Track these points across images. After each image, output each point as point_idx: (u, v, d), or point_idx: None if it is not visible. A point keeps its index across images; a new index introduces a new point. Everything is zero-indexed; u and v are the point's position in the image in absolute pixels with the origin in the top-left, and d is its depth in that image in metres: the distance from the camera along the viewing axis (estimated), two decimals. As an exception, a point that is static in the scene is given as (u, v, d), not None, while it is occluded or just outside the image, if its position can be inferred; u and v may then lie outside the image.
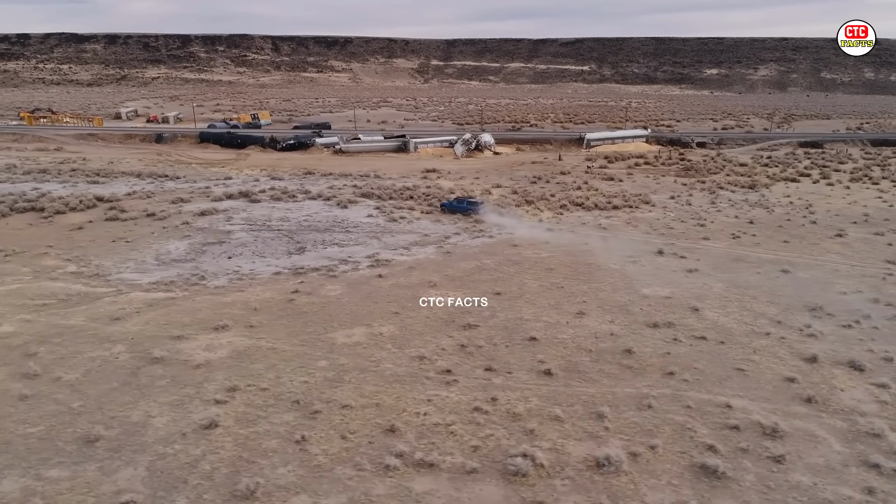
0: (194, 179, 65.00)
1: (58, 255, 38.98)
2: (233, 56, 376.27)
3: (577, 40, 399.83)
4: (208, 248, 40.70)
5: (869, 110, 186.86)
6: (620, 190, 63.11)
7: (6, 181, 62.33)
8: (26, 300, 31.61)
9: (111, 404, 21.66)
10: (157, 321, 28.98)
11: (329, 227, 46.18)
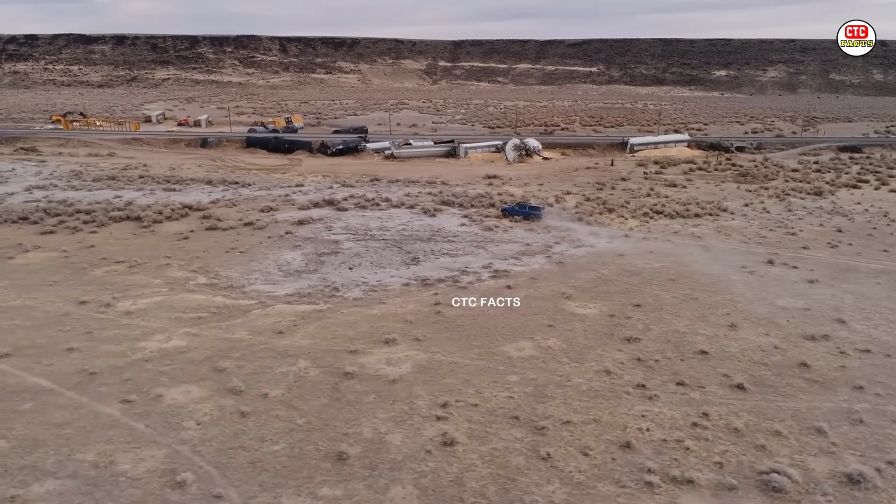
0: (266, 186, 65.35)
1: (181, 266, 39.37)
2: (241, 57, 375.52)
3: (584, 41, 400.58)
4: (325, 259, 41.12)
5: (887, 112, 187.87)
6: (689, 197, 63.73)
7: (82, 188, 62.57)
8: (178, 313, 32.04)
9: (334, 421, 22.14)
10: (322, 335, 29.45)
11: (430, 237, 46.65)
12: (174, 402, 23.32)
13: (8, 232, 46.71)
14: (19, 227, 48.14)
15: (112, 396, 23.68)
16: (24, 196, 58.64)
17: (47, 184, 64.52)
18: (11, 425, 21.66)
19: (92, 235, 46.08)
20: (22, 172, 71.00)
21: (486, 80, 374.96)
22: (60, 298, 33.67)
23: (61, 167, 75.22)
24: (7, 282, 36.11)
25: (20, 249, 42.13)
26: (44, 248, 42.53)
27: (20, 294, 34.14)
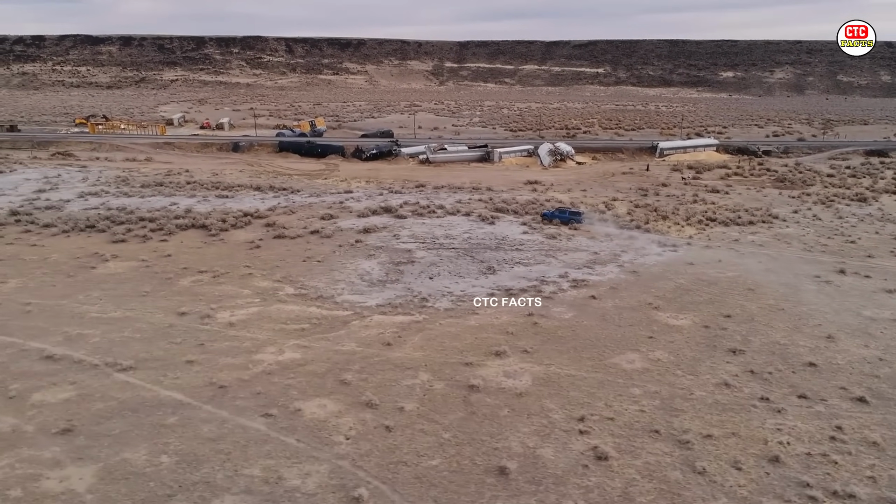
0: (316, 193, 65.78)
1: (264, 276, 39.82)
2: (247, 58, 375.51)
3: (590, 42, 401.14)
4: (403, 269, 41.59)
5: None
6: (735, 203, 64.29)
7: (134, 195, 62.99)
8: (280, 325, 32.52)
9: (479, 435, 22.65)
10: (431, 347, 29.94)
11: (497, 246, 47.15)
12: (314, 415, 23.81)
13: (79, 241, 47.14)
14: (88, 235, 48.57)
15: (251, 410, 24.16)
16: (81, 203, 59.00)
17: (98, 190, 64.88)
18: (166, 440, 22.14)
19: (163, 244, 46.50)
20: (68, 178, 71.32)
21: (492, 82, 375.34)
22: (159, 310, 34.12)
23: (105, 173, 75.55)
24: (100, 292, 36.54)
25: (99, 259, 42.55)
26: (122, 258, 42.95)
27: (118, 305, 34.57)
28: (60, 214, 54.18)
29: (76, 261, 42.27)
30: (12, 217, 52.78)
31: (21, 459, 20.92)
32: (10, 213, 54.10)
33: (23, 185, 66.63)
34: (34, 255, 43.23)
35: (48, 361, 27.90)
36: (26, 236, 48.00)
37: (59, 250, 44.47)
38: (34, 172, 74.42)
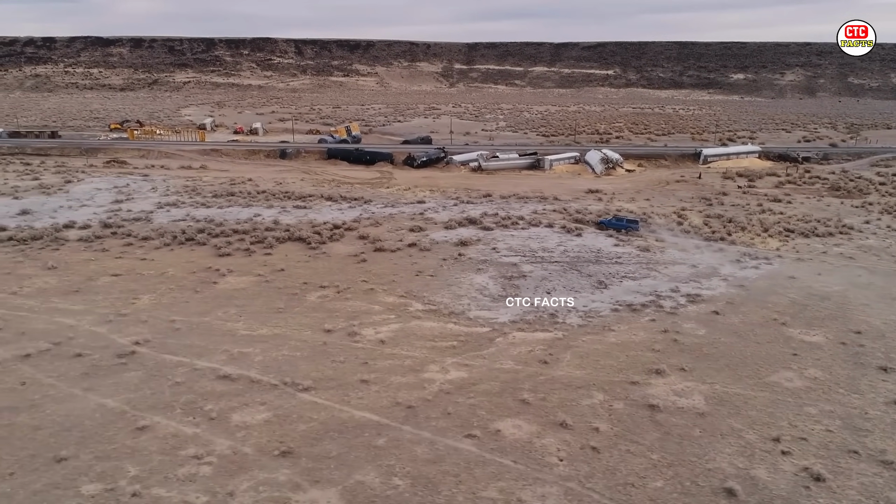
0: (390, 203, 66.50)
1: (386, 291, 40.55)
2: (258, 60, 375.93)
3: (598, 44, 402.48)
4: (518, 283, 42.37)
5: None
6: (803, 213, 65.18)
7: (212, 205, 63.61)
8: (429, 342, 33.29)
9: (686, 455, 23.47)
10: (588, 365, 30.74)
11: (596, 259, 47.97)
12: (516, 436, 24.59)
13: (185, 254, 47.81)
14: (191, 249, 49.24)
15: (452, 431, 24.93)
16: (165, 215, 59.59)
17: (174, 200, 65.51)
18: (387, 462, 22.90)
19: (269, 258, 47.20)
20: (137, 188, 71.90)
21: (503, 83, 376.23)
22: (303, 326, 34.86)
23: (169, 182, 76.17)
24: (235, 308, 37.26)
25: (216, 274, 43.22)
26: (237, 272, 43.63)
27: (262, 322, 35.30)
28: (152, 226, 54.80)
29: (194, 275, 42.95)
30: (107, 230, 53.39)
31: (260, 482, 21.66)
32: (104, 225, 54.74)
33: (98, 196, 67.20)
34: (150, 270, 43.88)
35: (227, 381, 28.62)
36: (131, 249, 48.63)
37: (170, 264, 45.13)
38: (100, 181, 75.00)
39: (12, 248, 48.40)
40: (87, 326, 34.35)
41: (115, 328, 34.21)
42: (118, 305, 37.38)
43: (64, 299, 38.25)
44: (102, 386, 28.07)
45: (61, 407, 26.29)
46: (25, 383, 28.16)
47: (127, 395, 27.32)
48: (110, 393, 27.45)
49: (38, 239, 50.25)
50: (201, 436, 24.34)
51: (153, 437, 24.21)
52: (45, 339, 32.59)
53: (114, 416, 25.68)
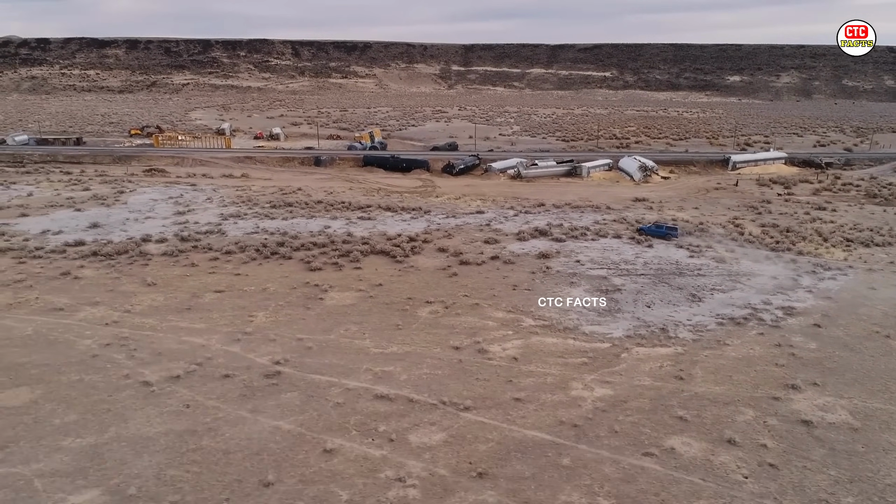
0: (449, 213, 67.22)
1: (492, 306, 41.34)
2: (255, 61, 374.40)
3: (595, 46, 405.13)
4: (616, 297, 43.38)
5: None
6: (852, 222, 66.79)
7: (276, 217, 63.98)
8: (558, 358, 34.18)
9: (863, 472, 24.58)
10: (722, 381, 31.79)
11: (679, 271, 49.11)
12: (690, 454, 25.56)
13: (275, 268, 48.27)
14: (279, 263, 49.70)
15: (627, 449, 25.86)
16: (235, 227, 59.81)
17: (236, 212, 65.81)
18: (583, 482, 23.78)
19: (360, 272, 47.79)
20: (192, 199, 72.02)
21: (501, 85, 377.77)
22: (430, 343, 35.60)
23: (220, 192, 76.36)
24: (354, 326, 37.88)
25: (317, 290, 43.77)
26: (337, 287, 44.19)
27: (388, 340, 35.96)
28: (229, 240, 55.16)
29: (296, 291, 43.49)
30: (186, 243, 53.71)
31: None
32: (181, 238, 55.04)
33: (157, 207, 67.31)
34: (249, 286, 44.37)
35: (385, 401, 29.31)
36: (219, 264, 49.00)
37: (267, 279, 45.63)
38: (153, 192, 75.03)
39: (101, 263, 48.60)
40: (219, 346, 34.85)
41: (246, 347, 34.75)
42: (237, 323, 37.89)
43: (180, 317, 38.66)
44: (266, 408, 28.66)
45: (238, 430, 26.88)
46: (189, 406, 28.68)
47: (295, 416, 27.95)
48: (278, 415, 28.06)
49: (122, 254, 50.47)
50: (390, 458, 25.07)
51: (345, 460, 24.90)
52: (184, 359, 33.07)
53: (294, 438, 26.31)
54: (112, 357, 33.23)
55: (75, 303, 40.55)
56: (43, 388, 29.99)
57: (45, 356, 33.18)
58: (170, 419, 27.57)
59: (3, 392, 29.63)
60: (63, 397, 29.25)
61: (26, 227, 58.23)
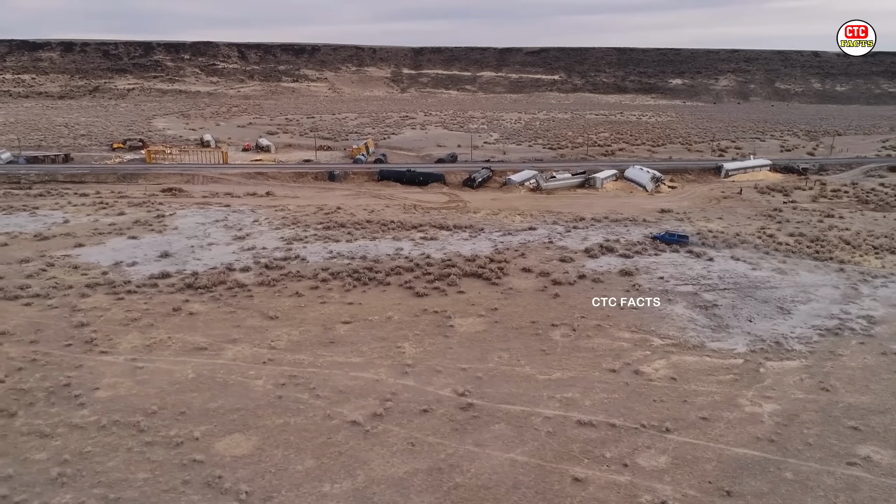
0: (503, 230, 69.27)
1: (612, 326, 43.91)
2: (201, 65, 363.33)
3: (542, 49, 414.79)
4: (717, 312, 46.82)
5: (858, 124, 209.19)
6: (865, 228, 73.23)
7: (339, 239, 64.30)
8: (710, 376, 37.19)
9: None
10: (868, 391, 35.61)
11: (753, 284, 53.17)
12: (885, 461, 29.01)
13: (381, 295, 49.11)
14: (381, 290, 50.51)
15: (832, 460, 29.04)
16: (307, 252, 59.74)
17: (294, 234, 65.70)
18: (820, 493, 26.75)
19: (464, 296, 49.32)
20: (238, 221, 71.09)
21: (453, 88, 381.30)
22: (584, 367, 37.88)
23: (258, 212, 75.65)
24: (505, 354, 39.59)
25: (440, 316, 45.11)
26: (460, 314, 45.50)
27: (544, 365, 37.97)
28: (312, 266, 55.44)
29: (419, 319, 44.72)
30: (273, 271, 53.72)
31: (739, 520, 25.01)
32: (264, 266, 54.98)
33: (212, 232, 66.28)
34: (371, 315, 45.20)
35: (590, 427, 31.43)
36: (322, 293, 49.40)
37: (382, 307, 46.56)
38: (193, 215, 73.54)
39: (203, 296, 48.17)
40: (393, 380, 35.97)
41: (420, 380, 36.03)
42: (391, 356, 38.98)
43: (330, 352, 39.38)
44: (486, 441, 30.27)
45: (479, 465, 28.42)
46: (414, 444, 29.93)
47: (520, 448, 29.71)
48: (503, 447, 29.75)
49: (218, 285, 50.12)
50: (638, 483, 27.30)
51: (599, 488, 26.96)
52: (370, 396, 34.09)
53: (537, 470, 28.12)
54: (298, 398, 33.86)
55: (213, 341, 40.49)
56: (257, 435, 30.48)
57: (231, 400, 33.45)
58: (407, 458, 28.79)
59: (220, 440, 29.96)
60: (284, 442, 29.89)
61: (92, 259, 56.53)
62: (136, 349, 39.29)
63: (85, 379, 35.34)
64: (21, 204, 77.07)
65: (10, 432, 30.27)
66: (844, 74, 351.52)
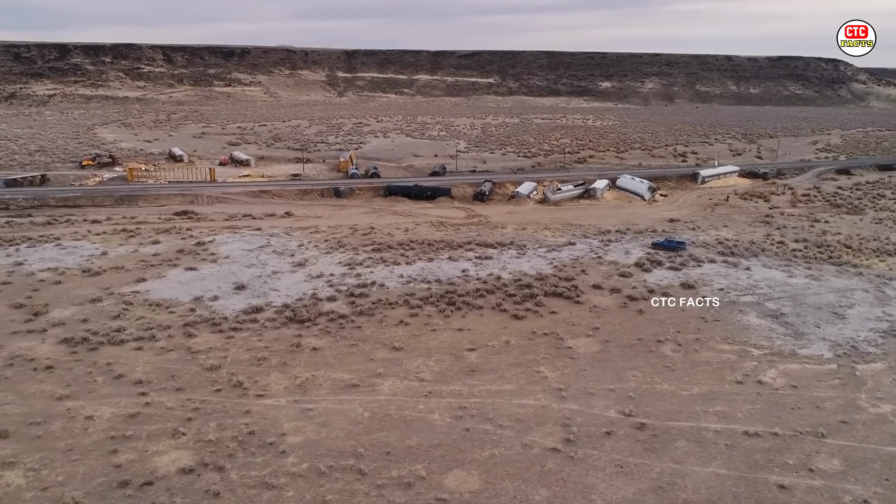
0: (545, 246, 72.34)
1: (707, 339, 48.10)
2: (124, 68, 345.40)
3: (475, 52, 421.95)
4: (786, 321, 52.02)
5: (785, 126, 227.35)
6: (854, 233, 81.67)
7: (399, 262, 65.27)
8: (819, 381, 41.99)
9: None
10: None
11: (798, 291, 59.04)
12: None
13: (481, 319, 51.16)
14: (479, 314, 52.49)
15: (967, 452, 34.22)
16: (380, 277, 60.30)
17: (348, 258, 66.09)
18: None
19: (558, 315, 52.18)
20: (283, 246, 70.50)
21: (391, 92, 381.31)
22: (713, 380, 41.70)
23: (294, 235, 75.18)
24: (637, 372, 42.84)
25: (554, 338, 47.76)
26: (570, 335, 48.28)
27: (681, 381, 41.50)
28: (395, 292, 56.51)
29: (534, 342, 47.23)
30: (362, 299, 54.47)
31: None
32: (349, 294, 55.63)
33: (265, 259, 65.51)
34: (488, 341, 47.15)
35: (768, 438, 35.23)
36: (427, 319, 50.75)
37: (493, 333, 48.62)
38: (233, 241, 72.15)
39: (309, 329, 48.46)
40: (556, 405, 38.44)
41: (582, 403, 38.72)
42: (537, 381, 41.39)
43: (479, 380, 41.24)
44: (680, 457, 33.45)
45: (689, 480, 31.57)
46: (622, 466, 32.66)
47: (714, 461, 33.09)
48: (699, 462, 33.05)
49: (320, 316, 50.57)
50: (832, 486, 31.30)
51: (804, 493, 30.75)
52: (547, 422, 36.46)
53: (742, 481, 31.58)
54: (484, 429, 35.76)
55: (359, 377, 41.39)
56: (475, 469, 32.25)
57: (425, 436, 34.88)
58: (625, 480, 31.51)
59: (444, 477, 31.49)
60: (505, 474, 31.82)
61: (166, 294, 55.15)
62: (290, 390, 39.71)
63: (265, 425, 35.68)
64: (38, 234, 72.87)
65: (234, 486, 30.59)
66: (756, 77, 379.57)
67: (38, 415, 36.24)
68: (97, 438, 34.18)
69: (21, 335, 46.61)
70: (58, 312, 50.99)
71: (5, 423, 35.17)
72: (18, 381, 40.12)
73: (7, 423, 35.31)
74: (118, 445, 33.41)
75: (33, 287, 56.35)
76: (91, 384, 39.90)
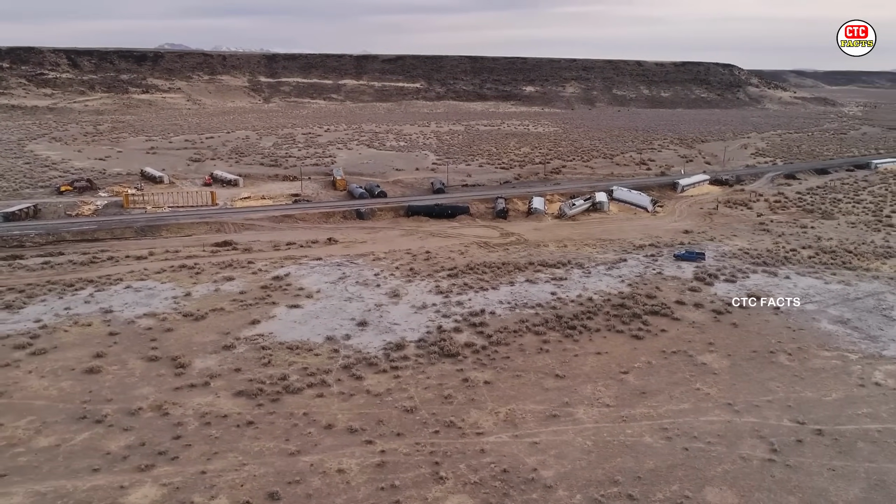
0: (601, 263, 77.60)
1: (803, 349, 55.17)
2: (26, 74, 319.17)
3: (398, 57, 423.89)
4: (853, 325, 60.10)
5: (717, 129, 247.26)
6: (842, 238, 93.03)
7: (486, 288, 68.20)
8: (921, 380, 49.89)
9: None
10: None
11: (843, 296, 67.77)
12: None
13: (609, 342, 55.36)
14: (603, 336, 56.58)
15: None
16: (479, 305, 63.12)
17: (433, 287, 68.08)
18: None
19: (667, 334, 57.24)
20: (360, 277, 71.06)
21: (319, 98, 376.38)
22: (839, 386, 48.40)
23: (360, 263, 76.00)
24: (776, 383, 48.76)
25: (686, 357, 52.88)
26: (696, 352, 53.61)
27: (818, 388, 47.88)
28: (506, 320, 59.48)
29: (668, 361, 52.12)
30: (485, 328, 57.20)
31: None
32: (471, 325, 58.11)
33: (358, 291, 66.24)
34: (631, 363, 51.54)
35: (915, 434, 42.05)
36: (560, 345, 54.33)
37: (627, 354, 53.06)
38: (312, 274, 71.67)
39: (461, 363, 50.79)
40: (736, 419, 43.50)
41: (756, 415, 43.96)
42: (702, 398, 46.21)
43: (654, 401, 45.52)
44: (880, 458, 39.29)
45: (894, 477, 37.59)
46: (833, 469, 38.23)
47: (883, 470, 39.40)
48: (893, 461, 39.17)
49: (465, 348, 52.91)
50: None
51: (984, 478, 37.57)
52: (744, 436, 41.45)
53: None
54: (697, 447, 40.09)
55: (553, 407, 44.44)
56: (723, 485, 36.57)
57: (654, 460, 38.74)
58: (846, 482, 36.98)
59: (703, 494, 35.68)
60: (752, 486, 36.40)
61: (291, 336, 54.85)
62: (500, 426, 42.22)
63: (511, 463, 38.07)
64: (95, 275, 69.23)
65: (534, 523, 33.22)
66: (665, 81, 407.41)
67: (287, 473, 36.84)
68: (368, 491, 35.45)
69: (187, 390, 45.87)
70: (199, 363, 50.22)
71: (265, 485, 35.61)
72: (233, 440, 40.09)
73: (265, 484, 35.74)
74: (398, 496, 34.93)
75: (149, 336, 54.68)
76: (308, 437, 40.58)
